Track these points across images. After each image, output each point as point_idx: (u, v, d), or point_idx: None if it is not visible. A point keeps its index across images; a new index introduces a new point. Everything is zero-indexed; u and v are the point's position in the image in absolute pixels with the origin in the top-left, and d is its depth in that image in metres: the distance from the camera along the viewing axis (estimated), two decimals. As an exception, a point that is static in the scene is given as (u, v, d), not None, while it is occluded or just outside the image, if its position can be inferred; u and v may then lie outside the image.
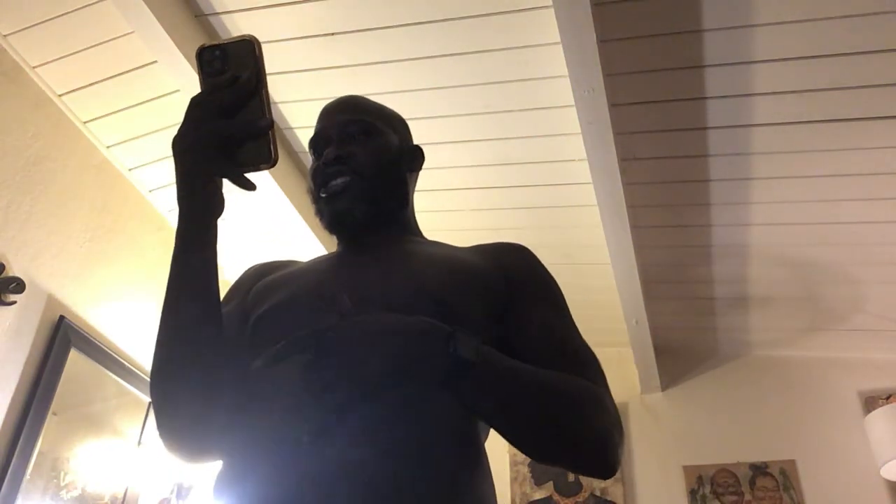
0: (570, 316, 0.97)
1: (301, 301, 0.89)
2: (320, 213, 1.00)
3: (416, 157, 1.09)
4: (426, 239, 1.07)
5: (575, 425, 0.80)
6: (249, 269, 1.06)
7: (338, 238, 1.04)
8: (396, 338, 0.73)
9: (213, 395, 0.83)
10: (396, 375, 0.72)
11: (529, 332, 0.91)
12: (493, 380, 0.76)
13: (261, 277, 1.01)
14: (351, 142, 1.00)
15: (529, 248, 1.04)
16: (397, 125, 1.09)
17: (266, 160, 0.75)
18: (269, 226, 2.74)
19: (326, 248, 2.65)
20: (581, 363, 0.89)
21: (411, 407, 0.76)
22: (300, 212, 2.55)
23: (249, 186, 0.79)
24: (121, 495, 2.31)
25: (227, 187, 0.81)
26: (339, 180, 0.97)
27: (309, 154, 1.05)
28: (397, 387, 0.73)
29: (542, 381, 0.81)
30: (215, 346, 0.83)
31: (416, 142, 1.11)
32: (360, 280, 0.90)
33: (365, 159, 0.99)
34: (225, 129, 0.75)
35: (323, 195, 0.98)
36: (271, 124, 0.75)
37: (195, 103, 0.77)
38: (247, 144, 0.76)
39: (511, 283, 0.95)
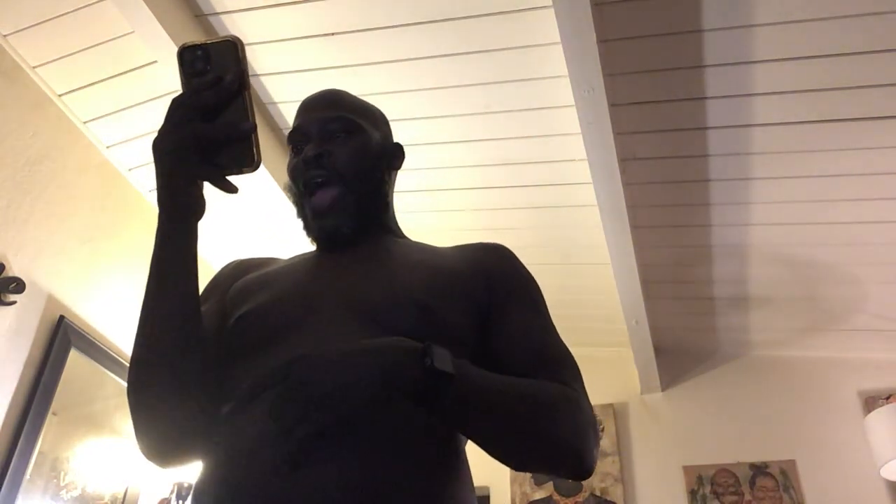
0: (549, 317, 0.97)
1: (281, 305, 0.88)
2: (305, 224, 1.00)
3: (396, 155, 1.08)
4: (407, 238, 1.06)
5: (553, 434, 0.80)
6: (228, 266, 1.05)
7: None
8: (368, 360, 0.71)
9: (189, 398, 0.82)
10: (374, 397, 0.69)
11: (508, 334, 0.90)
12: (470, 392, 0.74)
13: (240, 275, 1.00)
14: (332, 140, 0.99)
15: (530, 248, 1.03)
16: (379, 122, 1.07)
17: (248, 164, 0.75)
18: (267, 224, 2.74)
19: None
20: (557, 365, 0.89)
21: (388, 426, 0.75)
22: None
23: (231, 189, 0.78)
24: (121, 495, 2.31)
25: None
26: (321, 181, 0.96)
27: (288, 148, 1.04)
28: (377, 409, 0.71)
29: (518, 392, 0.80)
30: (193, 347, 0.82)
31: (417, 142, 1.11)
32: (342, 284, 0.89)
33: (345, 159, 0.97)
34: (207, 131, 0.74)
35: (308, 212, 0.97)
36: (254, 128, 0.74)
37: (177, 104, 0.76)
38: (229, 147, 0.75)
39: (491, 285, 0.94)
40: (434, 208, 2.64)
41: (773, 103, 2.08)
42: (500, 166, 2.47)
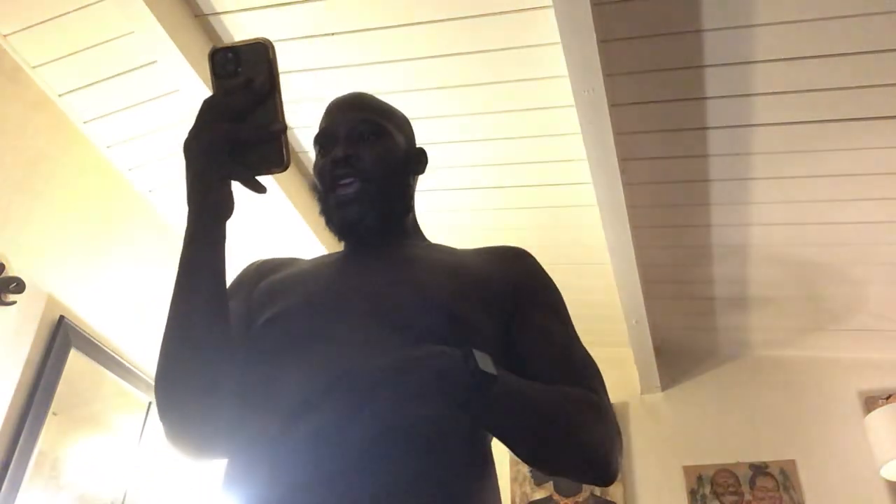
0: (572, 323, 0.98)
1: (309, 310, 0.89)
2: (328, 217, 0.99)
3: (420, 160, 1.09)
4: (430, 242, 1.07)
5: (584, 441, 0.83)
6: (252, 265, 1.06)
7: (345, 242, 1.04)
8: (415, 369, 0.75)
9: (219, 393, 0.83)
10: (432, 404, 0.74)
11: (533, 341, 0.92)
12: (510, 395, 0.78)
13: (264, 275, 1.01)
14: (359, 142, 1.00)
15: (530, 248, 1.04)
16: (404, 126, 1.09)
17: (278, 164, 0.76)
18: (269, 225, 2.74)
19: (328, 250, 2.64)
20: (583, 373, 0.91)
21: (427, 428, 0.76)
22: (300, 212, 2.55)
23: (260, 189, 0.79)
24: (121, 495, 2.31)
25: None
26: (348, 181, 0.96)
27: (314, 150, 1.04)
28: (433, 416, 0.75)
29: (552, 397, 0.83)
30: (222, 345, 0.83)
31: (417, 142, 1.11)
32: (370, 290, 0.90)
33: (373, 162, 0.98)
34: (238, 132, 0.75)
35: (332, 202, 0.98)
36: (284, 129, 0.76)
37: (208, 105, 0.77)
38: (258, 148, 0.76)
39: (516, 291, 0.96)
40: (434, 208, 2.64)
41: (773, 103, 2.08)
42: (500, 166, 2.47)
